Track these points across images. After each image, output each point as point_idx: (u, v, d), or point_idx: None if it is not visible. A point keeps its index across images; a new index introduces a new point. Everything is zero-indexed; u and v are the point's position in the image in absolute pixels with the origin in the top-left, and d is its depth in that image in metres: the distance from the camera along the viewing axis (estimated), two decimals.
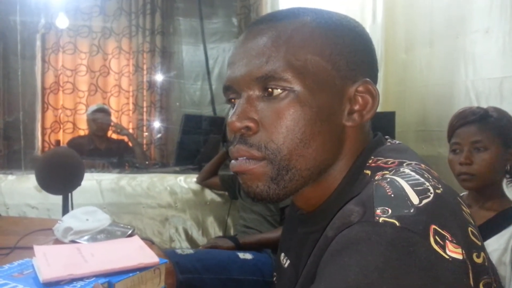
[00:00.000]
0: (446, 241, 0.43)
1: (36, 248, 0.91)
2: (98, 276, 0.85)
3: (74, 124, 3.78)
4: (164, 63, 3.83)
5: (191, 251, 1.66)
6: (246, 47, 0.56)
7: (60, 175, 1.24)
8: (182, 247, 2.27)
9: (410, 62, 2.21)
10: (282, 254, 0.71)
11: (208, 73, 3.83)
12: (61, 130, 3.78)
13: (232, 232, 2.26)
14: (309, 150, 0.54)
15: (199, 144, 2.82)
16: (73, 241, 1.27)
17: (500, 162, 1.22)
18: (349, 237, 0.44)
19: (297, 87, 0.53)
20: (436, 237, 0.43)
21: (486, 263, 0.46)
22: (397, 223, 0.43)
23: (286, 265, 0.68)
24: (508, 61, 1.66)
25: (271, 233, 1.82)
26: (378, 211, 0.45)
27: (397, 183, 0.48)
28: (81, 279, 0.83)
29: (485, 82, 1.75)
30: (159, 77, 3.82)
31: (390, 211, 0.44)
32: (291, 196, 0.58)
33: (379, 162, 0.55)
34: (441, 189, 0.48)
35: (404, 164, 0.53)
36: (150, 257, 0.95)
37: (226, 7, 3.93)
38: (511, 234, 1.14)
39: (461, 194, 1.31)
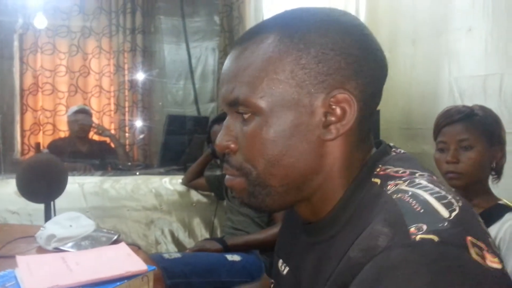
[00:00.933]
0: (484, 252, 0.42)
1: (19, 258, 0.89)
2: (84, 286, 0.83)
3: (54, 125, 3.71)
4: (145, 62, 3.79)
5: (178, 255, 1.64)
6: (223, 71, 0.59)
7: (42, 184, 1.21)
8: (169, 249, 2.24)
9: (393, 60, 2.22)
10: (280, 261, 0.70)
11: (191, 72, 3.80)
12: (41, 132, 3.70)
13: (219, 234, 2.25)
14: (279, 168, 0.55)
15: (183, 144, 2.80)
16: (57, 249, 1.24)
17: (486, 160, 1.23)
18: (388, 263, 0.42)
19: (260, 110, 0.54)
20: (475, 249, 0.42)
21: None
22: (436, 239, 0.42)
23: (285, 272, 0.68)
24: (491, 59, 1.68)
25: (259, 234, 1.81)
26: (412, 229, 0.43)
27: (422, 197, 0.47)
28: None
29: (469, 80, 1.77)
30: (140, 77, 3.77)
31: (424, 227, 0.43)
32: (278, 210, 0.61)
33: (388, 170, 0.55)
34: (461, 201, 0.48)
35: (417, 175, 0.52)
36: (137, 264, 0.93)
37: (207, 6, 3.90)
38: (498, 230, 1.15)
39: None
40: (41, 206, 1.54)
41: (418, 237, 0.42)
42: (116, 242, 1.32)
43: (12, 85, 3.59)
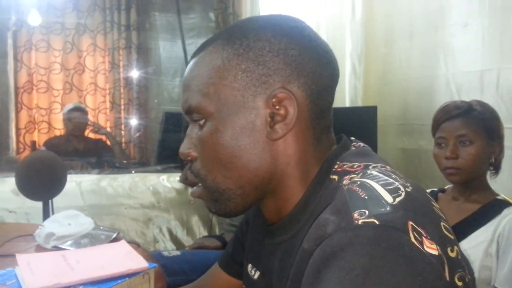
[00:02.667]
0: (423, 237, 0.44)
1: (19, 256, 0.88)
2: (85, 284, 0.82)
3: (49, 124, 3.69)
4: (140, 59, 3.77)
5: (177, 252, 1.64)
6: (182, 82, 0.61)
7: (43, 181, 1.20)
8: (167, 247, 2.24)
9: (390, 56, 2.23)
10: (250, 265, 0.70)
11: None
12: (36, 131, 3.68)
13: (217, 231, 2.24)
14: (233, 171, 0.56)
15: (180, 142, 2.78)
16: (56, 247, 1.23)
17: (485, 155, 1.24)
18: (332, 247, 0.44)
19: (210, 115, 0.56)
20: (414, 233, 0.43)
21: (459, 256, 0.47)
22: (377, 222, 0.44)
23: (256, 277, 0.68)
24: (488, 54, 1.69)
25: None
26: (356, 215, 0.45)
27: (368, 185, 0.49)
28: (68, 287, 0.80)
29: (465, 75, 1.78)
30: (136, 74, 3.75)
31: (367, 212, 0.45)
32: (243, 211, 0.61)
33: (344, 166, 0.56)
34: (410, 187, 0.49)
35: (370, 167, 0.54)
36: (138, 262, 0.92)
37: (203, 2, 3.88)
38: (497, 225, 1.16)
39: (446, 187, 1.33)
40: (38, 205, 1.53)
41: (360, 221, 0.44)
42: (115, 240, 1.32)
43: (6, 83, 3.56)
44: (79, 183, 2.24)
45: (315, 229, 0.48)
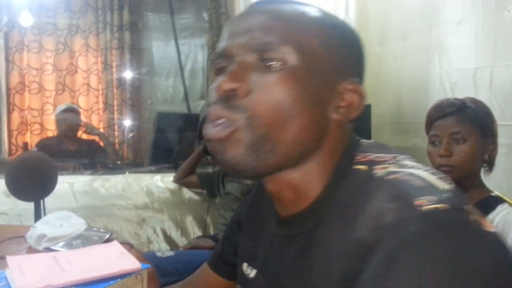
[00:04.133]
0: (479, 217, 0.44)
1: (9, 258, 0.86)
2: (77, 285, 0.81)
3: (41, 125, 3.66)
4: (134, 60, 3.75)
5: (171, 253, 1.62)
6: (249, 19, 0.56)
7: (32, 181, 1.18)
8: (161, 248, 2.22)
9: (384, 55, 2.23)
10: (245, 264, 0.68)
11: (181, 69, 3.77)
12: (28, 132, 3.65)
13: (211, 231, 2.23)
14: (292, 126, 0.52)
15: (174, 142, 2.78)
16: (47, 249, 1.21)
17: (479, 153, 1.24)
18: (402, 239, 0.43)
19: (293, 61, 0.53)
20: (473, 215, 0.44)
21: None
22: (444, 206, 0.44)
23: (252, 275, 0.66)
24: (481, 52, 1.69)
25: None
26: (417, 202, 0.44)
27: (417, 174, 0.49)
28: None
29: (459, 73, 1.78)
30: (129, 75, 3.73)
31: (429, 198, 0.44)
32: (269, 175, 0.56)
33: (369, 157, 0.55)
34: None
35: (401, 157, 0.54)
36: (131, 263, 0.91)
37: (196, 2, 3.87)
38: (491, 222, 1.16)
39: None
40: (30, 206, 1.51)
41: (425, 208, 0.43)
42: (108, 241, 1.30)
43: None
44: (71, 184, 2.22)
45: (371, 219, 0.46)
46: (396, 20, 2.14)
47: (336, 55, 0.56)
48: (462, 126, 1.23)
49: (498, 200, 1.19)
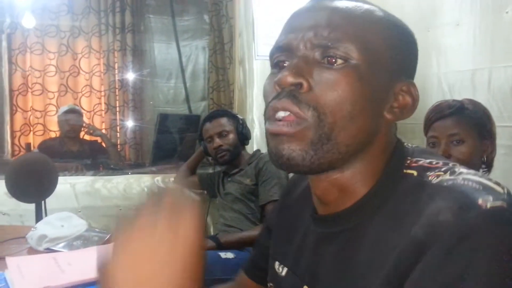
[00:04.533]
0: None
1: (9, 260, 0.88)
2: (76, 286, 0.82)
3: (44, 126, 3.68)
4: (136, 61, 3.76)
5: None
6: (314, 14, 0.56)
7: (32, 183, 1.19)
8: None
9: None
10: (277, 263, 0.70)
11: (182, 71, 3.78)
12: (31, 133, 3.67)
13: (212, 231, 2.24)
14: (353, 125, 0.53)
15: (175, 143, 2.79)
16: (48, 249, 1.23)
17: (477, 154, 1.24)
18: (463, 231, 0.44)
19: (358, 60, 0.53)
20: None
21: None
22: (505, 205, 0.45)
23: (283, 274, 0.67)
24: (479, 53, 1.69)
25: (252, 231, 1.80)
26: (480, 201, 0.45)
27: (474, 179, 0.49)
28: None
29: (457, 74, 1.78)
30: (131, 76, 3.74)
31: (491, 198, 0.45)
32: (320, 172, 0.56)
33: (420, 162, 0.55)
34: None
35: (451, 165, 0.54)
36: None
37: (197, 4, 3.89)
38: None
39: None
40: (32, 207, 1.53)
41: (488, 205, 0.44)
42: (108, 241, 1.32)
43: (1, 86, 3.55)
44: (73, 185, 2.23)
45: (429, 217, 0.47)
46: None
47: (396, 55, 0.57)
48: (460, 128, 1.23)
49: None
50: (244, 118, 2.05)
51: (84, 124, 3.20)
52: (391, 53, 0.56)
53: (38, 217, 1.43)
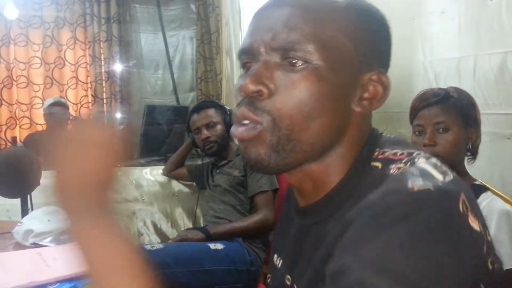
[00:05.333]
0: (468, 211, 0.46)
1: None
2: (62, 281, 0.82)
3: (30, 119, 3.63)
4: (122, 52, 3.71)
5: (160, 245, 1.63)
6: (273, 13, 0.55)
7: (12, 178, 1.17)
8: (152, 240, 2.23)
9: None
10: (275, 255, 0.71)
11: (169, 61, 3.74)
12: (18, 126, 3.62)
13: (202, 223, 2.24)
14: (314, 125, 0.54)
15: (163, 135, 2.76)
16: (35, 244, 1.22)
17: (462, 142, 1.25)
18: (382, 206, 0.45)
19: (318, 61, 0.53)
20: (463, 205, 0.45)
21: (492, 243, 0.49)
22: (432, 187, 0.46)
23: (279, 266, 0.68)
24: (465, 41, 1.70)
25: (241, 222, 1.81)
26: (410, 185, 0.46)
27: (420, 167, 0.50)
28: (44, 285, 0.79)
29: (443, 62, 1.79)
30: (118, 67, 3.70)
31: (421, 181, 0.46)
32: (291, 169, 0.57)
33: (386, 153, 0.55)
34: (455, 174, 0.51)
35: (415, 154, 0.54)
36: None
37: None
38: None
39: None
40: (19, 202, 1.51)
41: (415, 189, 0.46)
42: None
43: None
44: None
45: (363, 204, 0.48)
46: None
47: (362, 46, 0.55)
48: (445, 116, 1.24)
49: (482, 189, 1.21)
50: (231, 109, 2.04)
51: (70, 117, 3.17)
52: (355, 45, 0.55)
53: (24, 211, 1.42)
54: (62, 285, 0.81)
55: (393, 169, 0.52)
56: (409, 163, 0.52)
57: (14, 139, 3.32)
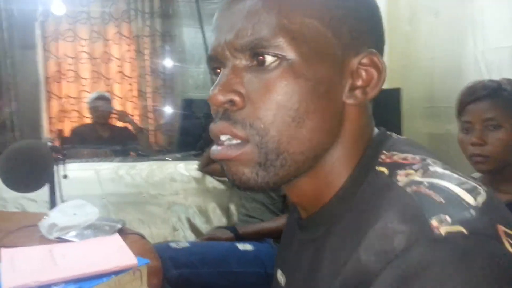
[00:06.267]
0: None
1: (4, 251, 0.85)
2: (67, 282, 0.79)
3: (79, 112, 3.76)
4: (165, 47, 3.76)
5: (186, 244, 1.59)
6: (233, 9, 0.48)
7: (22, 172, 1.17)
8: (186, 236, 2.21)
9: (414, 34, 2.09)
10: (279, 271, 0.63)
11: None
12: (67, 119, 3.76)
13: (236, 219, 2.20)
14: (302, 130, 0.46)
15: (200, 129, 2.74)
16: (59, 238, 1.21)
17: None
18: (410, 267, 0.36)
19: (290, 55, 0.45)
20: (508, 239, 0.37)
21: None
22: (465, 231, 0.36)
23: (283, 284, 0.61)
24: None
25: (273, 222, 1.74)
26: (434, 223, 0.37)
27: (441, 186, 0.41)
28: (48, 286, 0.77)
29: (496, 52, 1.63)
30: (161, 62, 3.74)
31: (448, 218, 0.37)
32: (283, 184, 0.50)
33: (394, 157, 0.47)
34: (484, 185, 0.42)
35: (429, 161, 0.45)
36: (127, 258, 0.88)
37: None
38: None
39: (474, 176, 1.21)
40: (46, 193, 1.52)
41: (442, 231, 0.37)
42: (120, 231, 1.29)
43: (37, 73, 3.65)
44: (98, 171, 2.24)
45: (379, 241, 0.40)
46: None
47: (344, 29, 0.47)
48: (496, 111, 1.11)
49: None
50: None
51: (114, 111, 3.24)
52: (334, 29, 0.47)
53: (52, 204, 1.43)
54: (67, 286, 0.77)
55: (400, 175, 0.44)
56: (421, 170, 0.43)
57: (60, 131, 3.44)
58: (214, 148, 0.49)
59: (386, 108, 1.93)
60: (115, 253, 0.91)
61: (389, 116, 1.91)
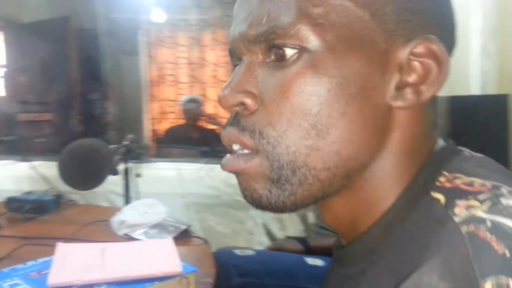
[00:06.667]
0: None
1: (60, 246, 0.87)
2: (110, 284, 0.77)
3: (176, 114, 3.96)
4: None
5: (251, 252, 1.53)
6: None
7: (80, 169, 1.20)
8: (262, 241, 2.17)
9: None
10: None
11: None
12: (165, 120, 3.99)
13: (313, 228, 2.10)
14: (327, 140, 0.37)
15: None
16: (126, 235, 1.24)
17: None
18: None
19: (312, 44, 0.36)
20: None
21: None
22: None
23: None
24: None
25: None
26: (488, 286, 0.28)
27: (508, 229, 0.30)
28: (91, 286, 0.76)
29: None
30: None
31: (504, 281, 0.28)
32: (307, 206, 0.40)
33: (457, 181, 0.36)
34: None
35: (503, 190, 0.33)
36: (173, 265, 0.85)
37: None
38: None
39: None
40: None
41: None
42: (184, 233, 1.28)
43: (139, 78, 3.92)
44: (180, 171, 2.29)
45: None
46: None
47: (386, 8, 0.37)
48: None
49: None
50: None
51: (204, 113, 3.34)
52: (370, 11, 0.36)
53: (126, 200, 1.47)
54: None
55: (460, 207, 0.33)
56: (489, 203, 0.32)
57: (155, 131, 3.65)
58: (224, 159, 0.42)
59: (491, 118, 1.69)
60: (162, 258, 0.88)
61: (494, 127, 1.67)
